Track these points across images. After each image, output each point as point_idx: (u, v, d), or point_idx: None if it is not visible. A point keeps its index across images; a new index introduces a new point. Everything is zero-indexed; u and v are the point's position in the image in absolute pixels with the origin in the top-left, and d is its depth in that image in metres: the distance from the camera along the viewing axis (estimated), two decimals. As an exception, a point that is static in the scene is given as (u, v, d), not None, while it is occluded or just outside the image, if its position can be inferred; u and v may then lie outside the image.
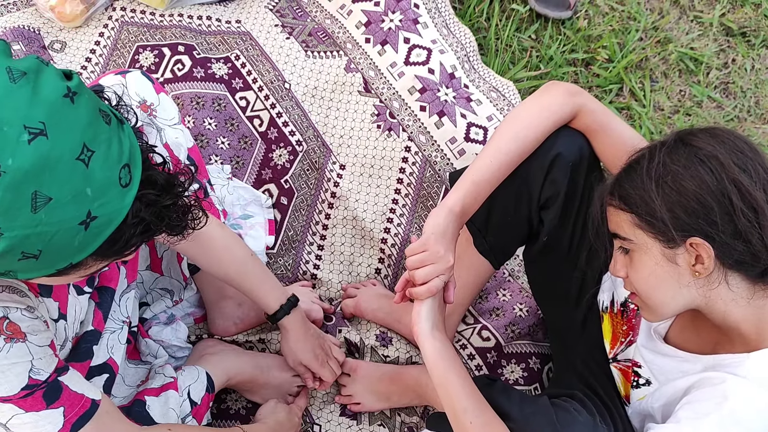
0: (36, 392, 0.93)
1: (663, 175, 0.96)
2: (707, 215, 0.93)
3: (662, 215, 0.95)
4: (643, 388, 1.15)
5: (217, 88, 1.78)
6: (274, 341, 1.54)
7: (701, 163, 0.94)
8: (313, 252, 1.66)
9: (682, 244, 0.95)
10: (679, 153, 0.97)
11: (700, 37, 2.06)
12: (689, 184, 0.94)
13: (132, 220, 0.80)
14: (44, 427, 0.95)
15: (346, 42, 1.87)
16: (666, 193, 0.95)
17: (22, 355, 0.90)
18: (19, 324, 0.90)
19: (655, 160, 0.97)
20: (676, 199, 0.95)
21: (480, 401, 1.06)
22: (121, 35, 1.84)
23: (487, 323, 1.59)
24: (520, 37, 2.01)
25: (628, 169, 1.01)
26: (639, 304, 1.06)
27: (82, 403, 0.99)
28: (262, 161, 1.73)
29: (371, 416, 1.51)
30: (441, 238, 1.09)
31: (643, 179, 0.97)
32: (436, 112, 1.75)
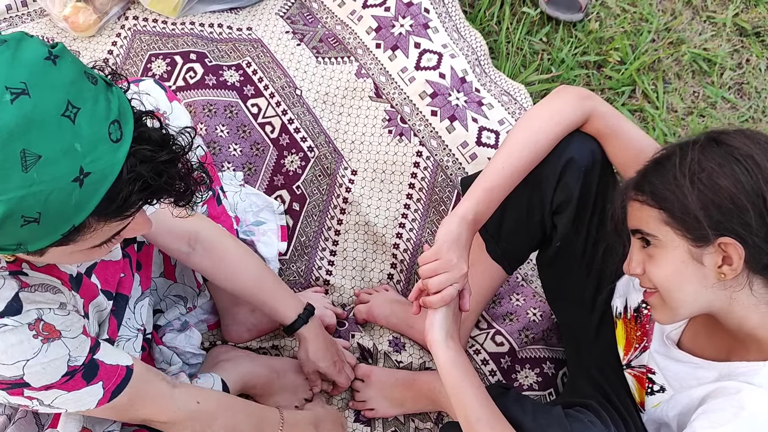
0: (75, 375, 0.96)
1: (697, 173, 0.94)
2: (741, 216, 0.92)
3: (695, 212, 0.93)
4: (657, 395, 1.14)
5: (228, 96, 1.79)
6: (287, 347, 1.54)
7: (737, 162, 0.93)
8: (326, 258, 1.67)
9: (712, 243, 0.94)
10: (713, 151, 0.95)
11: (714, 38, 2.04)
12: (724, 182, 0.92)
13: (128, 176, 0.79)
14: (86, 399, 0.99)
15: (356, 47, 1.87)
16: (700, 190, 0.93)
17: (59, 352, 0.93)
18: (53, 324, 0.92)
19: (688, 157, 0.95)
20: (710, 198, 0.93)
21: (493, 411, 1.05)
22: (133, 44, 1.86)
23: (500, 328, 1.59)
24: (531, 40, 2.00)
25: (657, 165, 1.00)
26: (654, 304, 1.04)
27: (118, 373, 1.02)
28: (274, 167, 1.73)
29: (385, 422, 1.50)
30: (454, 246, 1.08)
31: (675, 175, 0.95)
32: (448, 117, 1.75)
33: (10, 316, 0.88)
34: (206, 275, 1.35)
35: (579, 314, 1.32)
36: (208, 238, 1.29)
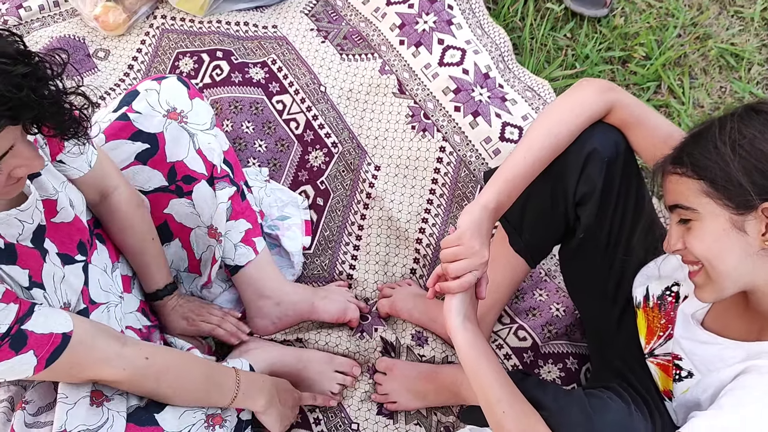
0: (1, 345, 0.96)
1: (738, 140, 0.94)
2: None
3: (739, 179, 0.93)
4: (685, 381, 1.13)
5: (254, 93, 1.81)
6: (312, 340, 1.56)
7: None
8: (349, 252, 1.68)
9: (755, 209, 0.94)
10: (752, 119, 0.95)
11: (741, 33, 2.02)
12: (766, 147, 0.93)
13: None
14: (19, 368, 1.00)
15: (380, 44, 1.89)
16: (742, 156, 0.93)
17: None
18: None
19: (728, 127, 0.95)
20: (752, 163, 0.93)
21: (513, 391, 1.05)
22: (161, 42, 1.89)
23: (523, 323, 1.59)
24: (555, 36, 2.00)
25: (695, 137, 1.00)
26: (698, 283, 1.03)
27: (51, 341, 1.02)
28: (299, 163, 1.75)
29: (407, 415, 1.51)
30: (476, 233, 1.09)
31: (716, 144, 0.95)
32: (471, 112, 1.76)
33: None
34: (102, 223, 1.36)
35: (601, 306, 1.32)
36: (117, 199, 1.31)
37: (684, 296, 1.16)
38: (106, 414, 1.14)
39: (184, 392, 1.22)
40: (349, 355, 1.56)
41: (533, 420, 1.03)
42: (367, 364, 1.56)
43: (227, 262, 1.50)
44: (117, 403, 1.16)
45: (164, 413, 1.19)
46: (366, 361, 1.56)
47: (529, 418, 1.03)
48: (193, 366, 1.25)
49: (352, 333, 1.58)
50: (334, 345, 1.56)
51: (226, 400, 1.27)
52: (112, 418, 1.14)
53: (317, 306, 1.55)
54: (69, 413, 1.10)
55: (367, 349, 1.56)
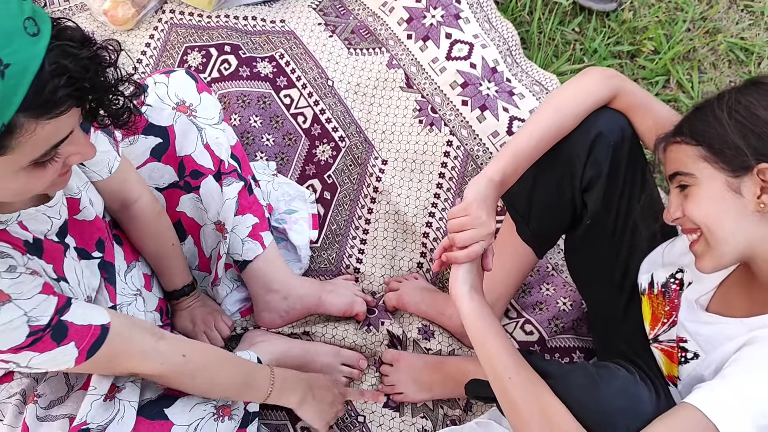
0: (43, 337, 0.97)
1: (735, 106, 0.99)
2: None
3: (734, 141, 0.97)
4: (692, 363, 1.13)
5: (262, 87, 1.82)
6: (319, 333, 1.57)
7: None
8: (356, 246, 1.68)
9: (750, 171, 0.96)
10: (751, 90, 1.00)
11: (751, 27, 2.00)
12: (763, 113, 0.97)
13: (51, 68, 0.79)
14: (61, 359, 1.01)
15: (388, 39, 1.89)
16: (737, 120, 0.98)
17: (12, 314, 0.93)
18: (2, 288, 0.93)
19: (726, 97, 1.00)
20: (748, 127, 0.97)
21: (519, 359, 1.05)
22: (170, 37, 1.90)
23: (530, 317, 1.59)
24: (564, 30, 1.99)
25: (696, 109, 1.04)
26: (698, 252, 1.05)
27: (91, 333, 1.03)
28: (306, 157, 1.76)
29: (414, 408, 1.52)
30: (483, 204, 1.10)
31: (714, 111, 1.00)
32: (478, 107, 1.75)
33: None
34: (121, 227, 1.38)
35: (608, 294, 1.32)
36: (138, 209, 1.33)
37: (688, 282, 1.16)
38: (117, 405, 1.15)
39: (220, 388, 1.24)
40: (355, 348, 1.57)
41: (539, 387, 1.02)
42: (373, 358, 1.57)
43: (235, 257, 1.50)
44: (129, 392, 1.17)
45: (174, 407, 1.20)
46: (372, 355, 1.57)
47: (535, 386, 1.03)
48: (230, 364, 1.27)
49: (358, 326, 1.58)
50: (341, 338, 1.57)
51: (260, 396, 1.30)
52: (122, 409, 1.15)
53: (324, 299, 1.55)
54: (94, 405, 1.12)
55: (373, 342, 1.56)
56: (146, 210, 1.34)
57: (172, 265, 1.43)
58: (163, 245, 1.40)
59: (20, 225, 1.02)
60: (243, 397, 1.29)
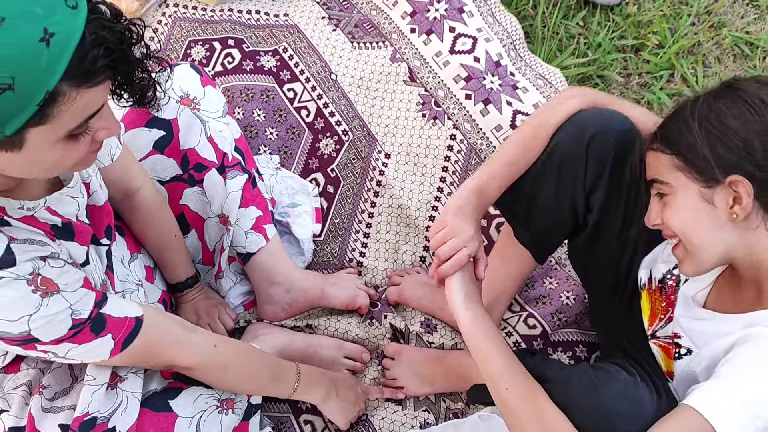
0: (83, 329, 0.99)
1: (706, 115, 0.98)
2: (749, 153, 0.95)
3: (703, 152, 0.97)
4: (685, 358, 1.13)
5: (265, 80, 1.82)
6: (322, 326, 1.57)
7: (745, 103, 0.96)
8: (359, 240, 1.69)
9: (722, 183, 0.97)
10: (724, 95, 0.99)
11: (756, 21, 2.00)
12: (732, 122, 0.96)
13: (91, 37, 0.82)
14: (98, 351, 1.03)
15: (391, 32, 1.88)
16: (708, 130, 0.97)
17: (60, 305, 0.96)
18: (51, 277, 0.95)
19: (699, 102, 0.99)
20: (717, 137, 0.96)
21: (517, 367, 1.06)
22: (174, 30, 1.90)
23: (533, 311, 1.59)
24: (568, 24, 1.99)
25: (672, 114, 1.04)
26: (679, 257, 1.06)
27: (126, 325, 1.05)
28: (309, 151, 1.76)
29: (416, 401, 1.52)
30: (459, 211, 1.12)
31: (686, 119, 0.99)
32: (482, 100, 1.75)
33: (5, 268, 0.91)
34: (123, 218, 1.39)
35: (612, 291, 1.31)
36: (140, 199, 1.34)
37: (685, 279, 1.16)
38: (120, 396, 1.15)
39: (248, 382, 1.26)
40: (358, 341, 1.57)
41: (538, 396, 1.03)
42: (376, 351, 1.57)
43: (238, 250, 1.51)
44: (131, 383, 1.17)
45: (178, 399, 1.21)
46: (375, 348, 1.57)
47: (534, 395, 1.03)
48: (258, 359, 1.30)
49: (361, 320, 1.59)
50: (343, 331, 1.57)
51: (287, 391, 1.32)
52: (126, 401, 1.15)
53: (327, 293, 1.56)
54: (94, 395, 1.13)
55: (376, 335, 1.57)
56: (148, 200, 1.35)
57: (174, 257, 1.43)
58: (166, 236, 1.41)
59: (49, 210, 1.04)
60: (270, 392, 1.31)
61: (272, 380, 1.29)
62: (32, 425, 1.12)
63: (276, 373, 1.30)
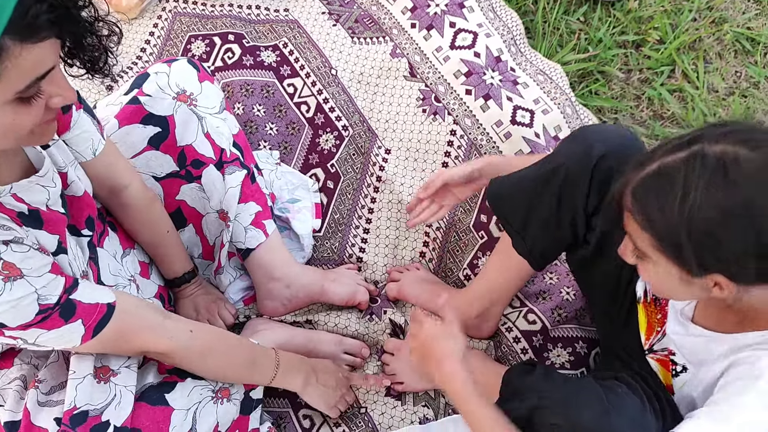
0: (51, 314, 0.98)
1: (696, 217, 0.87)
2: (738, 262, 0.88)
3: (688, 255, 0.90)
4: (681, 376, 1.13)
5: (265, 76, 1.82)
6: (321, 322, 1.57)
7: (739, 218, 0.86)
8: (359, 235, 1.68)
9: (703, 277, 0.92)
10: (717, 189, 0.86)
11: (758, 17, 1.99)
12: (724, 234, 0.87)
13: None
14: (68, 337, 1.02)
15: (391, 27, 1.88)
16: (697, 237, 0.88)
17: (24, 290, 0.95)
18: (14, 262, 0.94)
19: (690, 199, 0.87)
20: (707, 244, 0.88)
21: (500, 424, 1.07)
22: (174, 26, 1.90)
23: (533, 306, 1.58)
24: (568, 19, 1.98)
25: (659, 181, 0.92)
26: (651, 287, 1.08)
27: (97, 311, 1.05)
28: (309, 146, 1.76)
29: (415, 397, 1.52)
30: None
31: (674, 212, 0.89)
32: (482, 96, 1.75)
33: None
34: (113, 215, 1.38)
35: (613, 306, 1.29)
36: (127, 197, 1.33)
37: None
38: (113, 390, 1.15)
39: (229, 369, 1.26)
40: (358, 337, 1.57)
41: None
42: (375, 347, 1.57)
43: (238, 245, 1.50)
44: (124, 377, 1.17)
45: (174, 392, 1.21)
46: (375, 344, 1.57)
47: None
48: (236, 345, 1.30)
49: (361, 315, 1.59)
50: (343, 327, 1.57)
51: (266, 378, 1.32)
52: (119, 395, 1.15)
53: (327, 288, 1.56)
54: (78, 388, 1.12)
55: (376, 331, 1.56)
56: (137, 198, 1.34)
57: (169, 253, 1.43)
58: (158, 233, 1.40)
59: (14, 197, 1.02)
60: (249, 379, 1.30)
61: (252, 366, 1.29)
62: (28, 419, 1.12)
63: (254, 358, 1.30)
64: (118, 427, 1.13)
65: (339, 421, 1.49)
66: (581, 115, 1.78)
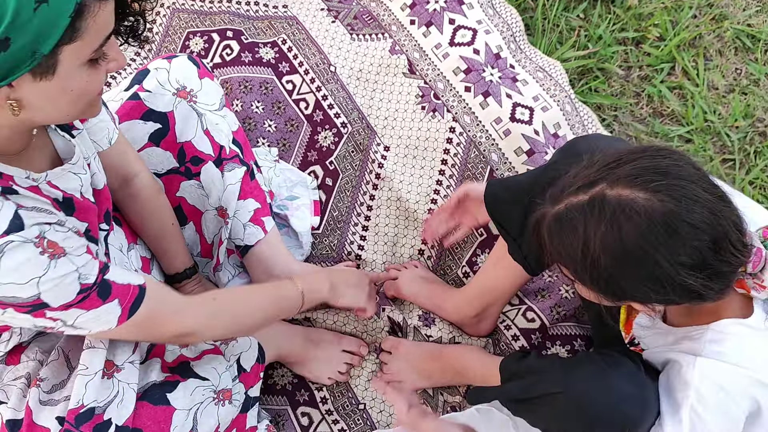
0: (90, 294, 0.99)
1: (596, 265, 0.94)
2: (641, 295, 0.95)
3: (598, 291, 0.98)
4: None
5: (264, 72, 1.81)
6: (320, 319, 1.57)
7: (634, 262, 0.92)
8: (358, 233, 1.68)
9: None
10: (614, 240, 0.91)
11: (758, 14, 1.98)
12: (622, 277, 0.94)
13: None
14: (106, 317, 1.03)
15: (391, 24, 1.87)
16: (599, 280, 0.96)
17: (67, 268, 0.96)
18: (57, 240, 0.96)
19: (591, 248, 0.93)
20: (610, 284, 0.96)
21: None
22: (172, 22, 1.89)
23: (532, 304, 1.58)
24: (568, 16, 1.98)
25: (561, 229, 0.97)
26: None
27: (131, 291, 1.05)
28: (308, 143, 1.75)
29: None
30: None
31: (577, 259, 0.95)
32: (481, 93, 1.74)
33: (14, 232, 0.92)
34: (120, 209, 1.39)
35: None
36: (138, 185, 1.34)
37: None
38: (117, 387, 1.15)
39: (260, 314, 1.27)
40: (356, 334, 1.57)
41: None
42: (374, 344, 1.57)
43: (237, 242, 1.50)
44: (127, 373, 1.17)
45: (176, 392, 1.21)
46: (373, 341, 1.57)
47: None
48: (257, 291, 1.34)
49: (359, 313, 1.58)
50: (341, 324, 1.57)
51: (297, 302, 1.32)
52: (122, 392, 1.15)
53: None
54: (88, 385, 1.12)
55: (374, 329, 1.56)
56: (146, 186, 1.35)
57: (172, 247, 1.42)
58: (164, 224, 1.40)
59: (50, 184, 1.04)
60: (283, 312, 1.33)
61: (280, 299, 1.31)
62: (30, 418, 1.12)
63: (279, 295, 1.31)
64: (120, 426, 1.13)
65: (338, 419, 1.49)
66: (581, 113, 1.77)
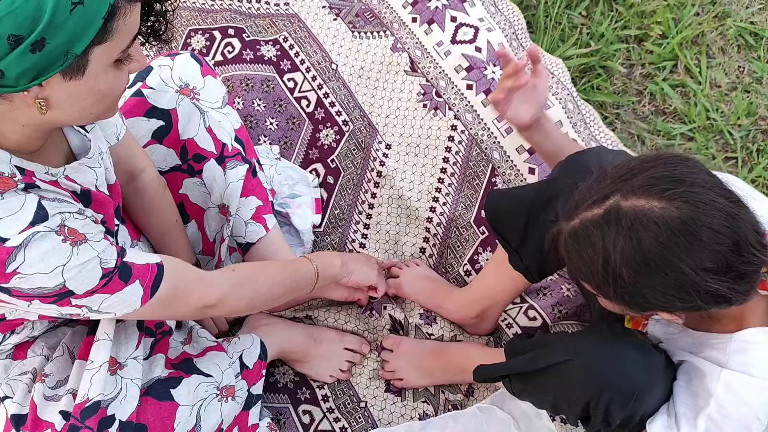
0: (112, 277, 1.01)
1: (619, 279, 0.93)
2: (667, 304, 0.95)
3: (623, 303, 0.99)
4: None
5: (265, 70, 1.81)
6: (321, 317, 1.57)
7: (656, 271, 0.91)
8: (359, 230, 1.68)
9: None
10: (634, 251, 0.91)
11: (761, 11, 1.98)
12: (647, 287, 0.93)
13: None
14: (130, 299, 1.04)
15: (392, 22, 1.87)
16: (623, 293, 0.95)
17: (89, 254, 0.97)
18: (76, 227, 0.97)
19: (611, 263, 0.92)
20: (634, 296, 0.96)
21: None
22: (173, 20, 1.89)
23: (533, 303, 1.58)
24: (570, 14, 1.97)
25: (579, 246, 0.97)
26: None
27: (150, 270, 1.07)
28: (310, 141, 1.75)
29: (415, 393, 1.52)
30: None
31: (599, 276, 0.95)
32: (483, 91, 1.74)
33: (39, 223, 0.93)
34: (125, 205, 1.39)
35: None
36: (144, 180, 1.35)
37: None
38: (120, 383, 1.16)
39: (278, 287, 1.28)
40: (358, 333, 1.57)
41: None
42: (375, 342, 1.57)
43: (238, 240, 1.50)
44: (131, 370, 1.18)
45: (180, 388, 1.22)
46: (375, 340, 1.57)
47: None
48: (274, 264, 1.36)
49: (361, 311, 1.59)
50: (343, 323, 1.57)
51: (312, 277, 1.34)
52: (126, 388, 1.16)
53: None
54: (93, 379, 1.13)
55: (376, 327, 1.56)
56: (152, 181, 1.36)
57: (175, 244, 1.43)
58: (168, 220, 1.41)
59: (67, 178, 1.05)
60: (299, 287, 1.33)
61: (296, 272, 1.32)
62: (34, 413, 1.13)
63: (295, 270, 1.33)
64: (124, 421, 1.13)
65: (339, 416, 1.49)
66: (583, 111, 1.77)
